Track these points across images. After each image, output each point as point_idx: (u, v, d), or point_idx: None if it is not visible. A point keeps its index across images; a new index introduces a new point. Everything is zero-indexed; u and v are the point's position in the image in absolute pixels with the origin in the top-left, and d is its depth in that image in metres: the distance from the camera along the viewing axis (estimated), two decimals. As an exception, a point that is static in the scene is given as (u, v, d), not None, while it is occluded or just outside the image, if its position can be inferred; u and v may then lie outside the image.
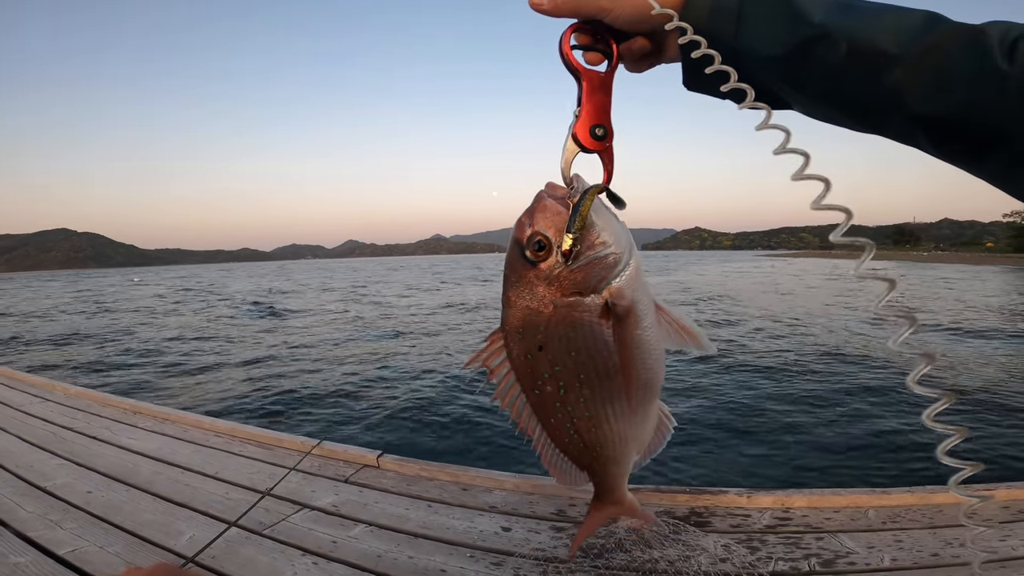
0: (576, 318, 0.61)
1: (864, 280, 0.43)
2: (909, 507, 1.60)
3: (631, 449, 0.72)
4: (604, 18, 0.56)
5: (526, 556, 1.42)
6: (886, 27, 0.46)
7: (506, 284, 0.64)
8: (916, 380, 0.43)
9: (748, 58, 0.52)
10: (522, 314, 0.63)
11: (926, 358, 0.43)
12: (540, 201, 0.62)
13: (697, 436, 4.71)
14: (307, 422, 5.61)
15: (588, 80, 0.60)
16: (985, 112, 0.42)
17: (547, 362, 0.64)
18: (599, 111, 0.61)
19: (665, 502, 1.68)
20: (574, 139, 0.61)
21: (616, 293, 0.61)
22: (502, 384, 0.68)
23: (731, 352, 8.59)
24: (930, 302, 16.23)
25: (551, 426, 0.69)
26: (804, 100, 0.52)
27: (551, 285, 0.61)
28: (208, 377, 8.03)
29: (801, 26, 0.48)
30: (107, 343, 11.64)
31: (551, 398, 0.66)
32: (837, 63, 0.47)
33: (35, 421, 2.68)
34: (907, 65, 0.44)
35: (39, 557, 1.45)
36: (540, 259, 0.60)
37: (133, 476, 1.99)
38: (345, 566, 1.40)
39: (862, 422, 5.01)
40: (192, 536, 1.56)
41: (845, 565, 1.32)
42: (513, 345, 0.65)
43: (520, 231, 0.61)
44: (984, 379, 6.63)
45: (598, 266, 0.60)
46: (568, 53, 0.60)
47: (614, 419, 0.67)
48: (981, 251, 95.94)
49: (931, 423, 0.43)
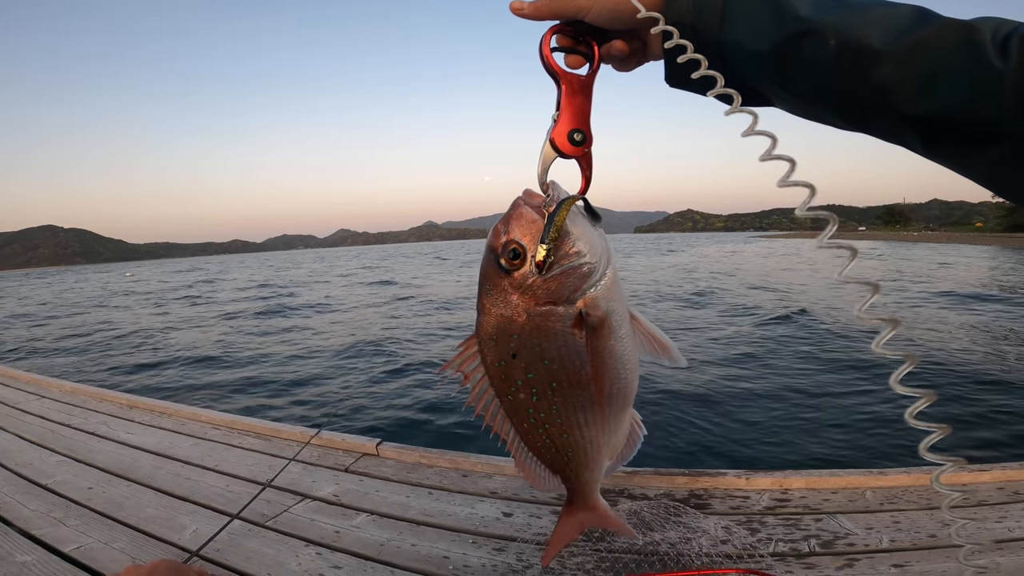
0: (549, 327, 0.61)
1: (827, 249, 0.44)
2: (906, 488, 1.62)
3: (603, 455, 0.72)
4: (584, 17, 0.55)
5: (528, 541, 1.43)
6: (875, 22, 0.45)
7: (481, 291, 0.64)
8: (880, 345, 0.44)
9: (733, 53, 0.51)
10: (496, 321, 0.63)
11: (891, 323, 0.44)
12: (516, 209, 0.61)
13: (691, 416, 4.75)
14: (305, 412, 5.62)
15: (567, 83, 0.59)
16: (978, 110, 0.41)
17: (520, 369, 0.64)
18: (578, 115, 0.60)
19: (664, 484, 1.70)
20: (551, 144, 0.61)
21: (590, 303, 0.61)
22: (476, 389, 0.68)
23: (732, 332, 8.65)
24: (924, 280, 16.38)
25: (524, 431, 0.70)
26: (789, 97, 0.51)
27: (525, 294, 0.61)
28: (205, 369, 8.02)
29: (788, 20, 0.47)
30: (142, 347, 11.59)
31: (524, 404, 0.66)
32: (825, 59, 0.46)
33: (32, 418, 2.67)
34: (897, 62, 0.44)
35: (45, 555, 1.45)
36: (514, 267, 0.60)
37: (133, 471, 1.99)
38: (349, 555, 1.41)
39: (858, 401, 5.07)
40: (195, 530, 1.56)
41: (844, 546, 1.34)
42: (487, 351, 0.65)
43: (495, 239, 0.61)
44: (974, 356, 6.71)
45: (572, 276, 0.60)
46: (548, 56, 0.58)
47: (586, 426, 0.68)
48: (970, 231, 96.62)
49: (898, 387, 0.44)
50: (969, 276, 17.91)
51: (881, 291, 0.44)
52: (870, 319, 0.44)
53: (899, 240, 66.53)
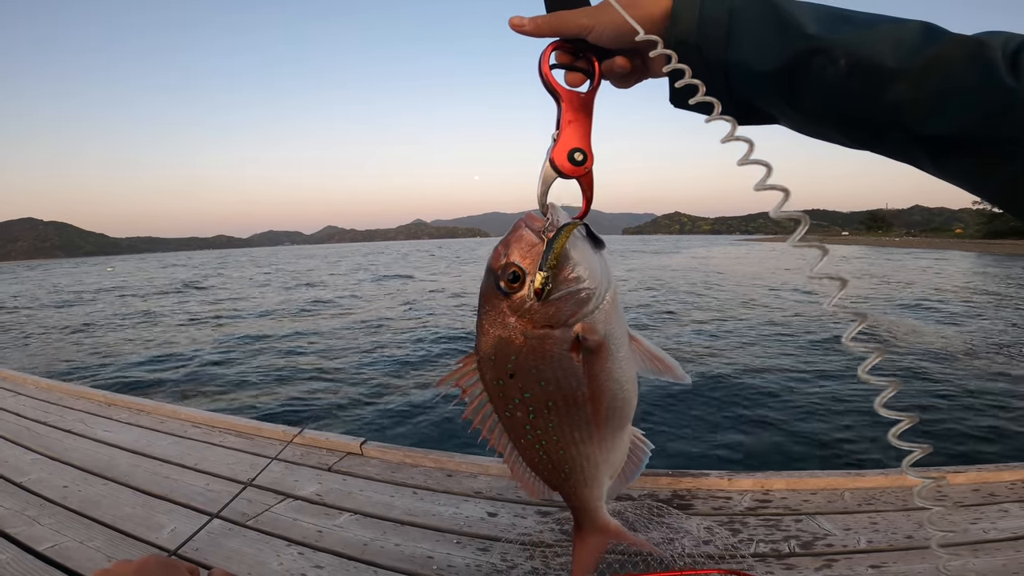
0: (546, 350, 0.62)
1: (800, 249, 0.44)
2: (883, 489, 1.64)
3: (602, 473, 0.73)
4: (586, 36, 0.54)
5: (512, 541, 1.43)
6: (885, 40, 0.44)
7: (480, 311, 0.65)
8: (850, 339, 0.45)
9: (738, 72, 0.50)
10: (494, 342, 0.64)
11: (859, 317, 0.45)
12: (517, 231, 0.61)
13: (678, 417, 4.79)
14: (287, 410, 5.57)
15: (568, 101, 0.58)
16: (991, 128, 0.41)
17: (517, 389, 0.65)
18: (579, 134, 0.59)
19: (648, 485, 1.71)
20: (551, 164, 0.59)
21: (588, 328, 0.61)
22: (474, 404, 0.69)
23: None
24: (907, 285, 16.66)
25: (521, 446, 0.70)
26: (795, 115, 0.50)
27: (523, 317, 0.61)
28: (192, 368, 7.91)
29: (795, 39, 0.46)
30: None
31: (521, 421, 0.67)
32: (835, 78, 0.45)
33: (7, 416, 2.60)
34: (909, 80, 0.43)
35: (19, 554, 1.41)
36: (513, 291, 0.61)
37: (110, 469, 1.96)
38: (331, 555, 1.40)
39: (835, 403, 5.15)
40: (174, 529, 1.53)
41: (823, 547, 1.35)
42: (485, 369, 0.66)
43: (496, 260, 0.61)
44: (955, 363, 6.84)
45: (570, 301, 0.60)
46: (547, 74, 0.57)
47: (582, 443, 0.68)
48: (951, 237, 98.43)
49: (865, 376, 0.45)
50: (946, 281, 18.27)
51: (848, 286, 0.45)
52: (839, 312, 0.44)
53: (880, 245, 67.62)
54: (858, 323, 0.45)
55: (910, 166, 0.49)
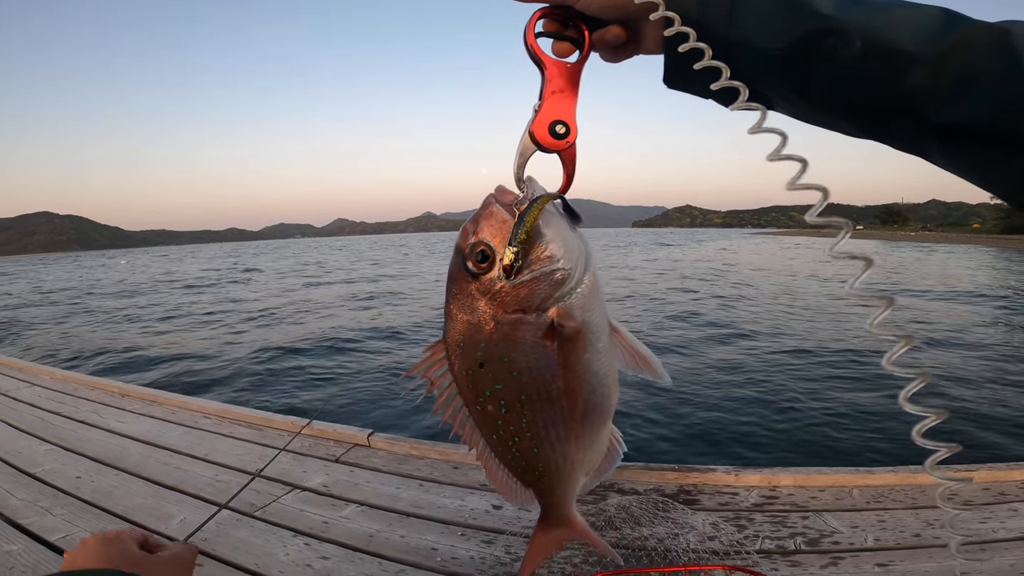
0: (518, 337, 0.57)
1: (840, 259, 0.42)
2: (892, 487, 1.63)
3: (578, 472, 0.69)
4: (575, 4, 0.51)
5: (516, 534, 1.44)
6: (904, 23, 0.42)
7: (448, 294, 0.60)
8: (891, 362, 0.42)
9: (741, 51, 0.47)
10: (462, 328, 0.59)
11: (905, 339, 0.42)
12: (487, 207, 0.57)
13: (685, 412, 4.77)
14: (296, 402, 5.62)
15: (553, 71, 0.54)
16: (1012, 120, 0.39)
17: (488, 380, 0.60)
18: (562, 106, 0.55)
19: (654, 479, 1.70)
20: (530, 136, 0.55)
21: (563, 313, 0.56)
22: (443, 396, 0.64)
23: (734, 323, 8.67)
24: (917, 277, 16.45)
25: (493, 443, 0.66)
26: (799, 100, 0.48)
27: (492, 300, 0.56)
28: (197, 358, 7.99)
29: (807, 18, 0.44)
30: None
31: (492, 416, 0.63)
32: (848, 60, 0.43)
33: (22, 406, 2.65)
34: (929, 66, 0.41)
35: (31, 544, 1.44)
36: (482, 271, 0.56)
37: (122, 460, 1.99)
38: (337, 546, 1.41)
39: (848, 399, 5.10)
40: (183, 519, 1.56)
41: (829, 544, 1.34)
42: (454, 359, 0.61)
43: (463, 239, 0.57)
44: (967, 359, 6.75)
45: (543, 283, 0.55)
46: (532, 42, 0.54)
47: (558, 441, 0.64)
48: (968, 231, 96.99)
49: (907, 405, 0.42)
50: (964, 275, 18.00)
51: (874, 266, 0.41)
52: (862, 295, 0.41)
53: (896, 240, 66.77)
54: (883, 307, 0.41)
55: (921, 158, 0.47)
